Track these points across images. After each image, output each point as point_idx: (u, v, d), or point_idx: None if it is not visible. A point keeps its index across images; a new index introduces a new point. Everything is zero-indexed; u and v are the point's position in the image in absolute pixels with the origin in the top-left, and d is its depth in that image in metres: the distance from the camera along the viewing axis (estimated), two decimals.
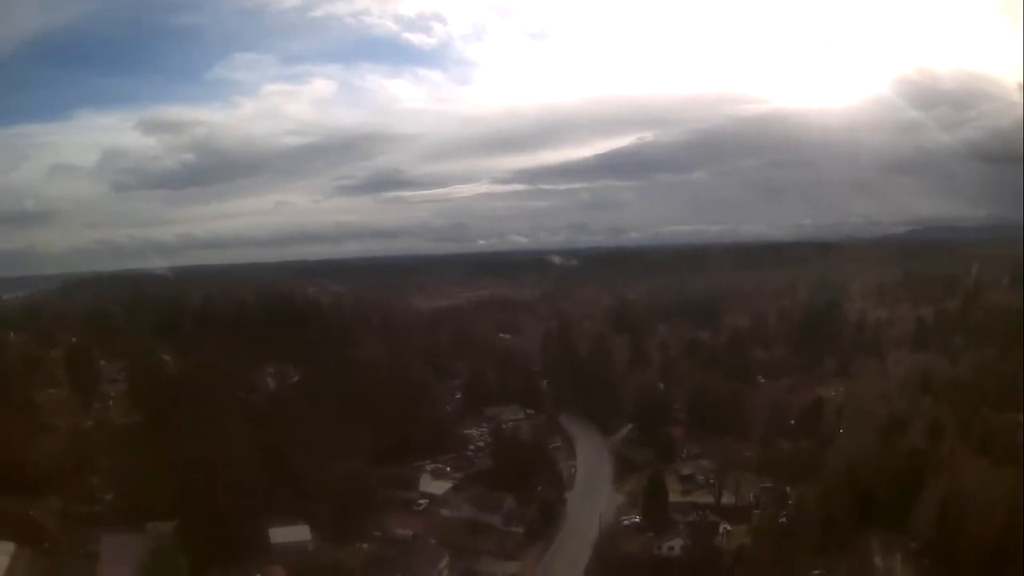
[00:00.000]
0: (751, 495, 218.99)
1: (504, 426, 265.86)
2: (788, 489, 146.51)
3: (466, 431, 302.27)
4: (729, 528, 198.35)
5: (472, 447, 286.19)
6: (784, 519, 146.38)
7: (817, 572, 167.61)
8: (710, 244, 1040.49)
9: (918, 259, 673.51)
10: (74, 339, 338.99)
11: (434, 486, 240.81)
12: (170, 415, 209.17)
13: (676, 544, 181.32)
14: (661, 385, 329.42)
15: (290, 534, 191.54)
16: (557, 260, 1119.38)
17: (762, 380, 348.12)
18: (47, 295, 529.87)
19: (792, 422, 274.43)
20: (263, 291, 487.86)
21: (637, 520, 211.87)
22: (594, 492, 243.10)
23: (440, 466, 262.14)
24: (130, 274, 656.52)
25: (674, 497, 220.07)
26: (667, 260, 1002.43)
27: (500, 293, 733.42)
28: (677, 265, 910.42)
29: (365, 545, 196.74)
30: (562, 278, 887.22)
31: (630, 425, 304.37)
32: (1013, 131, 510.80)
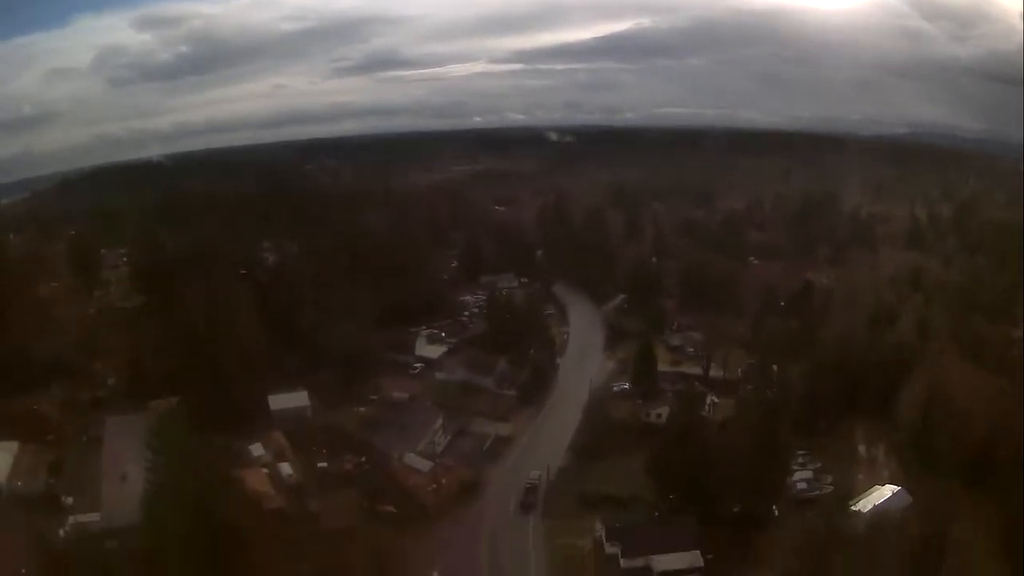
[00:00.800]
0: (739, 370, 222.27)
1: (499, 293, 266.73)
2: (775, 368, 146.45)
3: (461, 298, 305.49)
4: (716, 400, 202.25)
5: (467, 313, 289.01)
6: (770, 396, 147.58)
7: (802, 452, 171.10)
8: (707, 128, 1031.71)
9: (915, 161, 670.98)
10: (74, 232, 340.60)
11: (429, 350, 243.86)
12: (171, 293, 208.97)
13: (664, 412, 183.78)
14: (654, 259, 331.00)
15: (289, 400, 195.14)
16: (553, 137, 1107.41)
17: (755, 261, 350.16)
18: (46, 194, 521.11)
19: (782, 303, 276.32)
20: (262, 171, 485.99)
21: (627, 387, 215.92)
22: (585, 358, 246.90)
23: (436, 331, 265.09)
24: (129, 165, 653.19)
25: (663, 367, 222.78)
26: (663, 141, 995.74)
27: (496, 168, 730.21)
28: (673, 146, 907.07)
29: (362, 409, 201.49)
30: (558, 154, 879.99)
31: (623, 296, 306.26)
32: (1014, 55, 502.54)
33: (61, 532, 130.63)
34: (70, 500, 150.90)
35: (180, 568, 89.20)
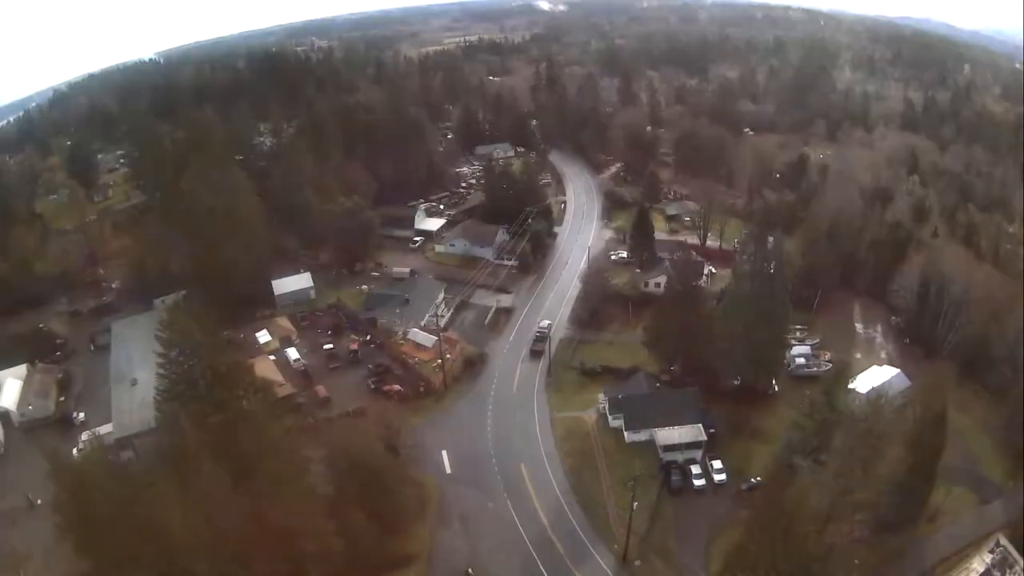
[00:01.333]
0: (735, 241, 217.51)
1: (495, 163, 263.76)
2: (771, 238, 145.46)
3: (458, 169, 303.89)
4: (714, 271, 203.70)
5: (464, 184, 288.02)
6: (770, 268, 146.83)
7: (799, 327, 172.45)
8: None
9: (910, 45, 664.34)
10: (68, 142, 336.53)
11: (428, 223, 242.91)
12: (169, 187, 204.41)
13: (661, 281, 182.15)
14: (649, 128, 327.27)
15: (293, 283, 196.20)
16: (546, 6, 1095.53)
17: (749, 132, 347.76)
18: (40, 110, 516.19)
19: (777, 176, 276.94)
20: (252, 55, 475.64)
21: (625, 255, 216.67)
22: (583, 227, 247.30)
23: (433, 204, 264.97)
24: (121, 67, 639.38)
25: (660, 235, 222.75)
26: (656, 10, 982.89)
27: (489, 38, 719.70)
28: (667, 15, 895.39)
29: (365, 287, 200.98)
30: (551, 23, 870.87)
31: (619, 164, 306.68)
32: None
33: (75, 451, 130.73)
34: (81, 416, 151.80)
35: (201, 464, 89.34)
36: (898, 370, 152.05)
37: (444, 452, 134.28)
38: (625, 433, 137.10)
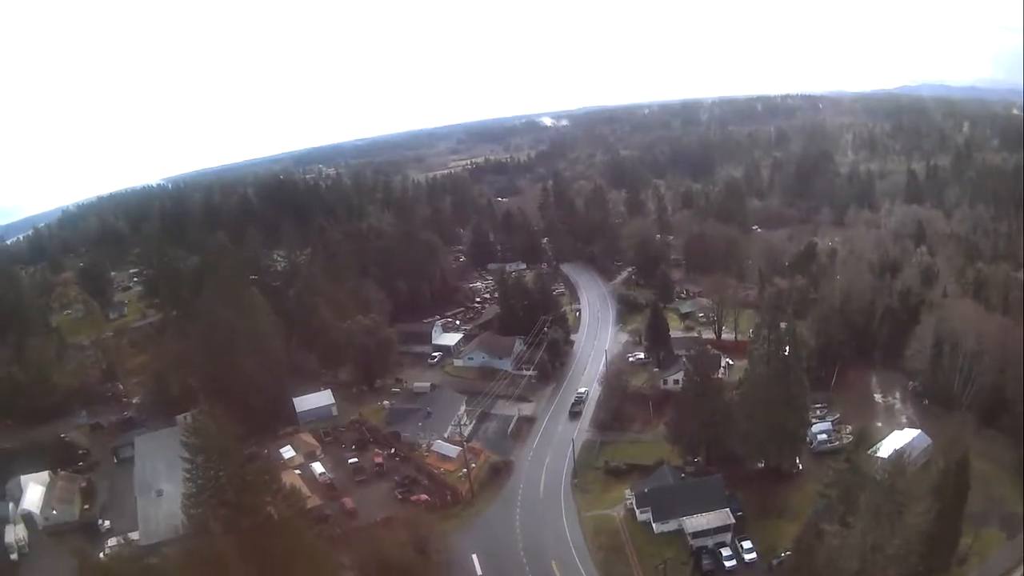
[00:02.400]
0: (750, 331, 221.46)
1: (508, 275, 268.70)
2: (784, 325, 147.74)
3: (471, 285, 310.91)
4: (731, 362, 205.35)
5: (478, 299, 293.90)
6: (784, 351, 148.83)
7: (819, 405, 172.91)
8: (701, 99, 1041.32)
9: (908, 114, 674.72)
10: (81, 263, 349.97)
11: (446, 338, 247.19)
12: (186, 306, 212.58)
13: (680, 377, 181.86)
14: (658, 234, 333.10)
15: (315, 401, 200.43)
16: (548, 122, 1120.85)
17: (757, 229, 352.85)
18: (49, 228, 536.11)
19: (787, 264, 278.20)
20: (261, 182, 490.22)
21: (642, 356, 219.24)
22: (599, 332, 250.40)
23: (449, 320, 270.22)
24: (129, 191, 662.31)
25: (676, 333, 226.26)
26: (658, 115, 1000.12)
27: (495, 158, 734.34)
28: (668, 119, 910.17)
29: (387, 402, 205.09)
30: (555, 139, 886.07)
31: (630, 269, 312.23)
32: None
33: (102, 555, 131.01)
34: (107, 523, 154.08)
35: (228, 572, 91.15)
36: (919, 431, 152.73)
37: (475, 556, 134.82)
38: (654, 525, 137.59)
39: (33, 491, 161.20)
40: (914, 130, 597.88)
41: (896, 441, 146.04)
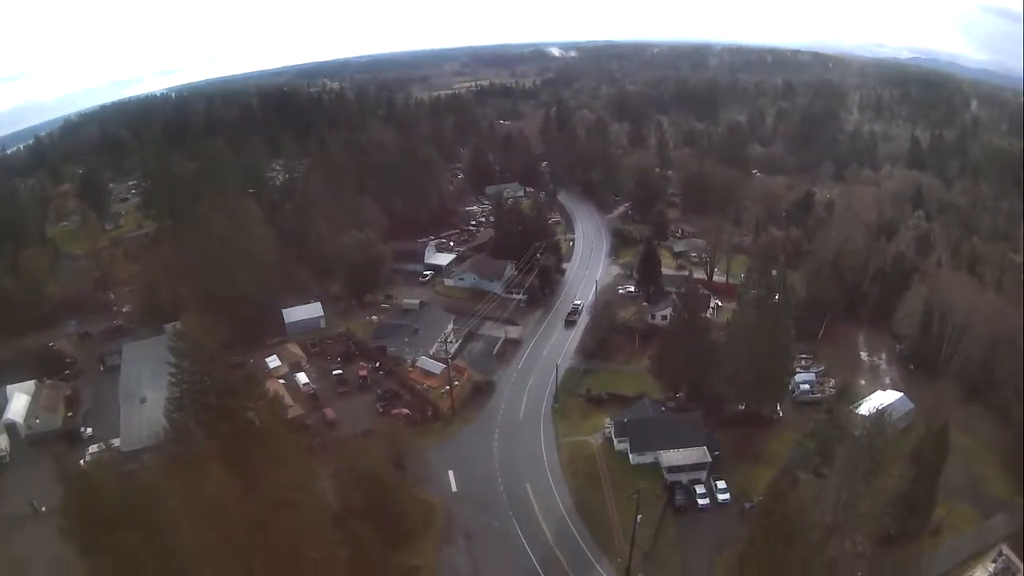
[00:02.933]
0: (742, 276, 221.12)
1: (505, 200, 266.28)
2: (776, 272, 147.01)
3: (468, 208, 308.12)
4: (720, 304, 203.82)
5: (474, 222, 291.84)
6: (774, 299, 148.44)
7: (804, 356, 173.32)
8: (711, 43, 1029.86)
9: (917, 84, 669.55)
10: (80, 171, 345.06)
11: (438, 258, 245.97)
12: (181, 217, 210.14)
13: (668, 313, 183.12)
14: (658, 169, 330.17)
15: (304, 312, 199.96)
16: (556, 52, 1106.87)
17: (757, 174, 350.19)
18: (51, 137, 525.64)
19: (784, 214, 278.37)
20: (265, 93, 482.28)
21: (632, 290, 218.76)
22: (591, 263, 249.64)
23: (443, 240, 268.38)
24: (134, 101, 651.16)
25: (668, 270, 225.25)
26: (667, 55, 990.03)
27: (500, 82, 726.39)
28: (677, 60, 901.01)
29: (375, 317, 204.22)
30: (562, 68, 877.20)
31: (627, 203, 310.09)
32: None
33: (82, 462, 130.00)
34: (89, 431, 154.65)
35: (210, 471, 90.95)
36: (901, 394, 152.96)
37: (451, 472, 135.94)
38: (630, 455, 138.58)
39: (18, 400, 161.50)
40: (922, 100, 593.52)
41: (878, 400, 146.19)
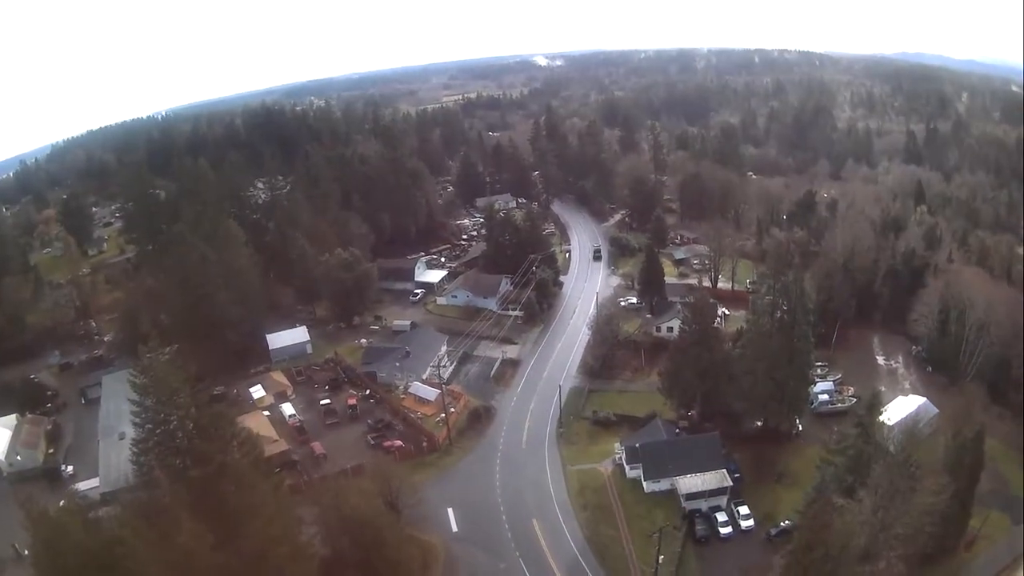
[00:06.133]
0: (747, 281, 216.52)
1: (497, 212, 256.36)
2: (793, 276, 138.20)
3: (458, 222, 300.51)
4: (727, 312, 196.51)
5: (465, 236, 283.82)
6: (790, 305, 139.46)
7: (819, 364, 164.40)
8: (697, 48, 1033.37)
9: (908, 78, 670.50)
10: (65, 195, 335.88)
11: (429, 275, 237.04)
12: (163, 240, 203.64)
13: (674, 325, 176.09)
14: (653, 174, 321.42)
15: (289, 338, 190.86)
16: (543, 62, 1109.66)
17: (752, 175, 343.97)
18: (37, 163, 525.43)
19: (785, 216, 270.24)
20: (249, 112, 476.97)
21: (634, 301, 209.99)
22: (590, 275, 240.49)
23: (434, 256, 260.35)
24: (120, 124, 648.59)
25: (670, 279, 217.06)
26: (654, 60, 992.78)
27: (488, 94, 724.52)
28: (665, 65, 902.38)
29: (364, 340, 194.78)
30: (549, 78, 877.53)
31: (623, 212, 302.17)
32: None
33: (61, 503, 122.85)
34: (70, 468, 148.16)
35: (179, 520, 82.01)
36: (924, 399, 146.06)
37: (450, 510, 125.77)
38: (644, 483, 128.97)
39: (0, 435, 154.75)
40: (913, 93, 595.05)
41: (901, 408, 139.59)
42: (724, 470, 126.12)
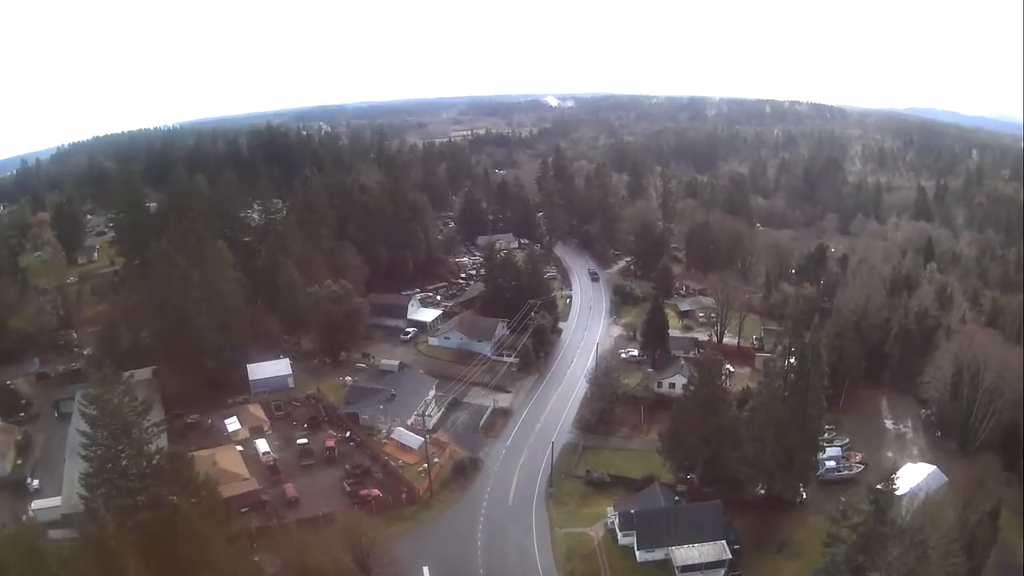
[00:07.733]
0: (754, 337, 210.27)
1: (497, 252, 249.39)
2: (810, 338, 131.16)
3: (457, 259, 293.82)
4: (732, 369, 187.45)
5: (463, 275, 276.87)
6: (798, 366, 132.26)
7: (828, 427, 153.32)
8: (708, 97, 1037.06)
9: (919, 133, 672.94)
10: (60, 200, 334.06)
11: (423, 313, 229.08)
12: (152, 256, 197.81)
13: (677, 381, 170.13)
14: (660, 222, 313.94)
15: (271, 369, 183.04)
16: (554, 102, 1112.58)
17: (760, 227, 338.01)
18: (38, 164, 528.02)
19: (793, 270, 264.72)
20: (255, 131, 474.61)
21: (636, 353, 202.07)
22: (590, 323, 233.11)
23: (429, 294, 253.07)
24: (127, 133, 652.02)
25: (674, 332, 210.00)
26: (665, 107, 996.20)
27: (497, 131, 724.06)
28: (675, 112, 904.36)
29: (348, 378, 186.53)
30: (559, 119, 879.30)
31: (628, 259, 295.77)
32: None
33: (24, 518, 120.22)
34: (35, 483, 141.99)
35: (124, 565, 74.10)
36: (934, 467, 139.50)
37: (426, 569, 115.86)
38: (637, 552, 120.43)
39: None
40: (924, 149, 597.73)
41: (910, 476, 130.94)
42: (723, 541, 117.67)
